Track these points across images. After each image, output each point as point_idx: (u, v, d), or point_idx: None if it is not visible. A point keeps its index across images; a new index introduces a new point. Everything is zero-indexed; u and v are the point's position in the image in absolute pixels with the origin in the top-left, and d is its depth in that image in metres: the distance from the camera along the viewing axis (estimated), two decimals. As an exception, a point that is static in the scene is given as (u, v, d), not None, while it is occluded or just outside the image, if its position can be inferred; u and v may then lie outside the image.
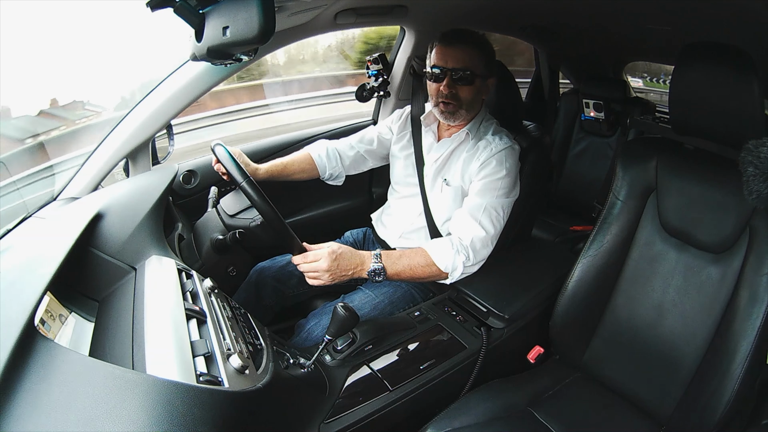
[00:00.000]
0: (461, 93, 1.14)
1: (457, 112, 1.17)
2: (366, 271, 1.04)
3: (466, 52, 1.12)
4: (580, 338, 1.08)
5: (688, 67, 0.89)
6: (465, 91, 1.14)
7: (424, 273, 1.08)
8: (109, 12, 2.18)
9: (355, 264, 1.03)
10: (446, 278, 1.10)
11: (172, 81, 1.24)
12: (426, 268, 1.07)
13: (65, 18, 2.08)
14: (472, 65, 1.12)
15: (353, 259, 1.03)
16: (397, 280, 1.11)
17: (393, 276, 1.07)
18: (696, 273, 0.94)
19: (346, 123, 1.80)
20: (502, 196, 1.13)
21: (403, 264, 1.07)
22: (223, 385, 0.60)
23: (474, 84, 1.14)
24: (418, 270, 1.07)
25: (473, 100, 1.17)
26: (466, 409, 0.93)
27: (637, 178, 1.03)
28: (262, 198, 0.96)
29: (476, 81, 1.14)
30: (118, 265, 0.83)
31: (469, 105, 1.17)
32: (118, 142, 1.22)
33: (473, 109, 1.20)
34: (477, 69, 1.13)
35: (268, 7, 0.61)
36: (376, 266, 1.04)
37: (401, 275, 1.07)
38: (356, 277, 1.04)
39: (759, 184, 0.74)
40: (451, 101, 1.15)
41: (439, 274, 1.09)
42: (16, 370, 0.48)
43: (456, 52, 1.12)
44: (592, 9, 1.45)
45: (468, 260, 1.08)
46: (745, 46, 0.83)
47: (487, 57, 1.16)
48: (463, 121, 1.21)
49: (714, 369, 0.87)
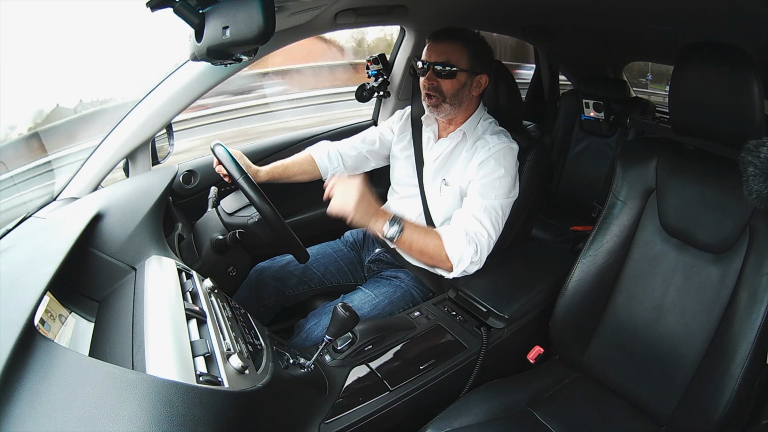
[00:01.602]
0: (443, 86, 1.16)
1: (440, 105, 1.18)
2: (387, 220, 1.06)
3: (449, 47, 1.15)
4: (580, 338, 1.08)
5: (688, 67, 0.89)
6: (447, 84, 1.16)
7: (432, 253, 1.09)
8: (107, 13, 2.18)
9: (376, 209, 1.05)
10: (449, 269, 1.10)
11: (172, 81, 1.24)
12: (435, 250, 1.08)
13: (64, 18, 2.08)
14: (454, 59, 1.14)
15: (375, 209, 1.06)
16: (405, 251, 1.12)
17: (404, 242, 1.08)
18: (696, 273, 0.94)
19: (346, 123, 1.80)
20: (502, 196, 1.13)
21: (418, 235, 1.08)
22: (223, 385, 0.60)
23: (456, 78, 1.15)
24: (428, 248, 1.08)
25: (456, 94, 1.17)
26: (466, 409, 0.93)
27: (637, 178, 1.03)
28: (260, 195, 0.96)
29: (459, 75, 1.15)
30: (118, 265, 0.83)
31: (452, 98, 1.17)
32: (118, 142, 1.22)
33: (458, 104, 1.19)
34: (460, 63, 1.14)
35: (268, 7, 0.61)
36: (395, 223, 1.06)
37: (412, 245, 1.08)
38: (372, 230, 1.06)
39: (759, 184, 0.74)
40: (434, 94, 1.17)
41: (444, 262, 1.09)
42: (16, 370, 0.48)
43: (440, 47, 1.15)
44: (592, 9, 1.45)
45: (475, 255, 1.08)
46: (745, 46, 0.83)
47: (473, 53, 1.16)
48: (450, 116, 1.21)
49: (714, 369, 0.87)
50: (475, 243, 1.08)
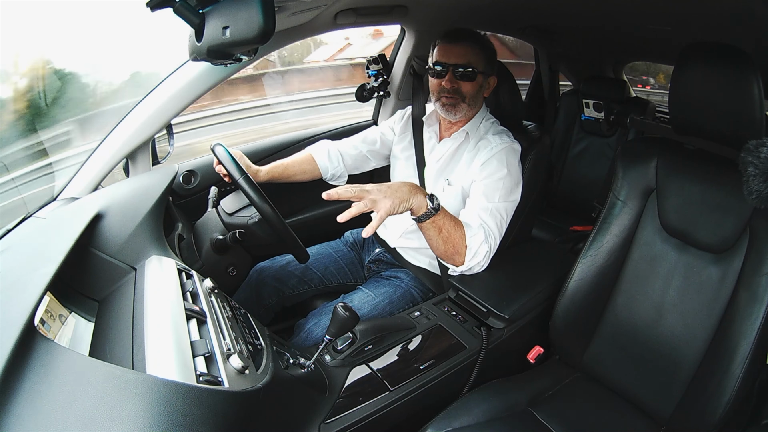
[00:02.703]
0: (463, 88, 1.17)
1: (458, 105, 1.18)
2: (427, 196, 0.98)
3: (468, 49, 1.15)
4: (580, 338, 1.08)
5: (688, 67, 0.89)
6: (467, 86, 1.17)
7: (456, 241, 1.03)
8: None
9: (409, 189, 0.96)
10: (461, 264, 1.07)
11: (172, 81, 1.24)
12: (459, 240, 1.03)
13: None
14: (474, 62, 1.15)
15: (408, 186, 0.97)
16: (433, 231, 1.02)
17: (437, 222, 1.00)
18: (696, 273, 0.94)
19: (346, 123, 1.80)
20: (505, 197, 1.13)
21: (449, 220, 1.02)
22: (223, 385, 0.60)
23: (476, 80, 1.17)
24: (454, 236, 1.03)
25: (475, 95, 1.19)
26: (466, 410, 0.93)
27: (637, 178, 1.03)
28: (260, 195, 0.96)
29: (478, 77, 1.17)
30: (118, 265, 0.83)
31: (471, 100, 1.19)
32: (118, 142, 1.22)
33: (475, 105, 1.21)
34: (479, 66, 1.16)
35: (268, 7, 0.61)
36: (434, 200, 0.99)
37: (441, 228, 1.01)
38: (414, 204, 0.96)
39: (759, 184, 0.74)
40: (453, 95, 1.17)
41: (460, 255, 1.05)
42: (16, 370, 0.48)
43: (458, 49, 1.15)
44: (592, 9, 1.45)
45: (488, 253, 1.07)
46: (745, 46, 0.83)
47: (488, 55, 1.18)
48: (464, 117, 1.22)
49: (714, 369, 0.87)
50: (490, 241, 1.07)
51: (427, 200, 0.98)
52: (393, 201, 0.92)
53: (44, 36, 1.53)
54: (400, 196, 0.93)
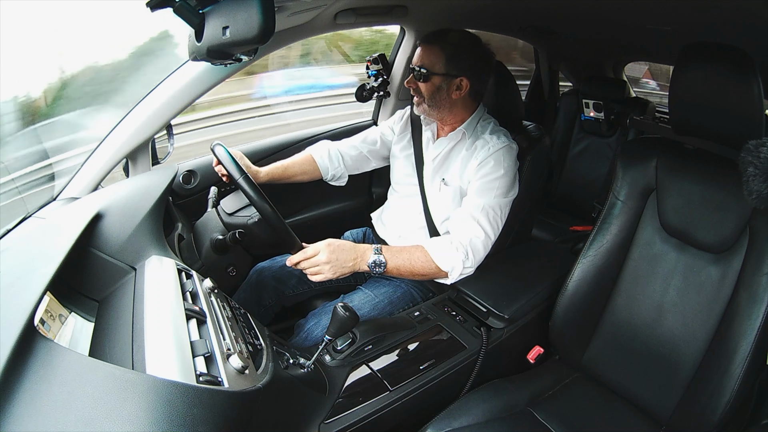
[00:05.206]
0: (421, 88, 1.19)
1: (420, 105, 1.21)
2: (366, 262, 1.04)
3: (427, 51, 1.17)
4: (580, 338, 1.08)
5: (688, 67, 0.89)
6: (423, 86, 1.18)
7: (423, 269, 1.08)
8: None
9: (354, 255, 1.03)
10: (445, 277, 1.11)
11: (172, 81, 1.24)
12: (425, 264, 1.08)
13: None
14: (428, 64, 1.16)
15: (353, 251, 1.03)
16: (396, 275, 1.11)
17: (392, 270, 1.07)
18: (696, 273, 0.94)
19: (346, 123, 1.80)
20: (501, 195, 1.13)
21: (403, 258, 1.07)
22: (223, 385, 0.60)
23: (430, 81, 1.17)
24: (417, 265, 1.08)
25: (433, 96, 1.18)
26: (465, 409, 0.93)
27: (637, 178, 1.03)
28: (259, 194, 0.96)
29: (434, 78, 1.16)
30: (118, 265, 0.83)
31: (430, 100, 1.19)
32: (118, 142, 1.22)
33: (436, 106, 1.20)
34: (434, 68, 1.16)
35: (268, 7, 0.61)
36: (376, 258, 1.04)
37: (401, 269, 1.07)
38: (358, 270, 1.04)
39: (759, 184, 0.74)
40: (416, 94, 1.21)
41: (437, 272, 1.09)
42: (16, 370, 0.48)
43: (422, 50, 1.18)
44: (592, 9, 1.45)
45: (467, 260, 1.08)
46: (745, 47, 0.83)
47: (448, 56, 1.15)
48: (430, 115, 1.23)
49: (714, 369, 0.87)
50: (464, 248, 1.08)
51: (372, 254, 1.04)
52: (334, 268, 1.00)
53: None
54: (341, 265, 1.01)
